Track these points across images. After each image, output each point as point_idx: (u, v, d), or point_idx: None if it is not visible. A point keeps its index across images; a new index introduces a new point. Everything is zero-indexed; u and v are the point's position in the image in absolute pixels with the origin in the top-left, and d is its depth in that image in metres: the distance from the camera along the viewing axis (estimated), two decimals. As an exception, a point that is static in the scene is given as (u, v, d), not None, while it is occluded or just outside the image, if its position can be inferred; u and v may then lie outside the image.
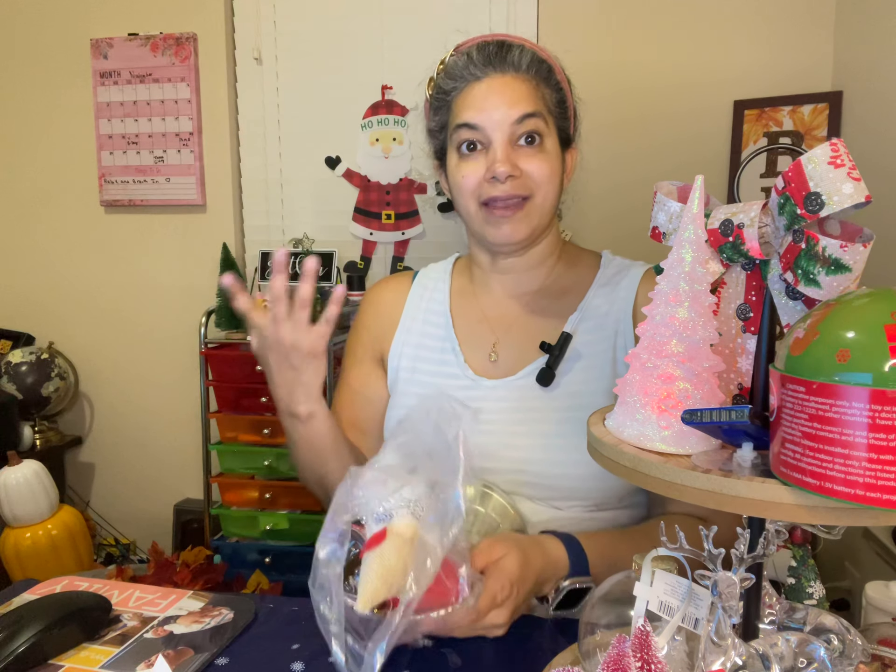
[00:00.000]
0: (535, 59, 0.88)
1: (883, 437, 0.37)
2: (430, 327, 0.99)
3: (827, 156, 0.45)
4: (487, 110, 0.86)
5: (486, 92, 0.87)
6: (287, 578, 1.87)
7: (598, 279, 0.96)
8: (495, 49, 0.88)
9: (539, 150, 0.87)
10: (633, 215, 1.41)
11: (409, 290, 1.03)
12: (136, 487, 2.35)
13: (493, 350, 0.94)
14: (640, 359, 0.53)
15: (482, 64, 0.87)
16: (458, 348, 0.95)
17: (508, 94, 0.86)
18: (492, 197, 0.86)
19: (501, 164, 0.84)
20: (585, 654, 0.61)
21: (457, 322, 0.98)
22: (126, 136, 2.23)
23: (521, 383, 0.91)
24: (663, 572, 0.54)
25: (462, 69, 0.89)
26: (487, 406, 0.89)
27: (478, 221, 0.90)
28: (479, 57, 0.88)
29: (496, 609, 0.69)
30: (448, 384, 0.94)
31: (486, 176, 0.86)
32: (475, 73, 0.88)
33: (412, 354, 0.98)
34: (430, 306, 1.00)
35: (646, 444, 0.50)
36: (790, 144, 1.83)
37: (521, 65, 0.87)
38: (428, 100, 0.97)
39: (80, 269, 2.33)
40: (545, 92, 0.89)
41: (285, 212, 2.22)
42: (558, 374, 0.89)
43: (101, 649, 0.72)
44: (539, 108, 0.87)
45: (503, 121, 0.85)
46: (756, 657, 0.48)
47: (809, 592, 0.71)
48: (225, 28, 2.14)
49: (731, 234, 0.52)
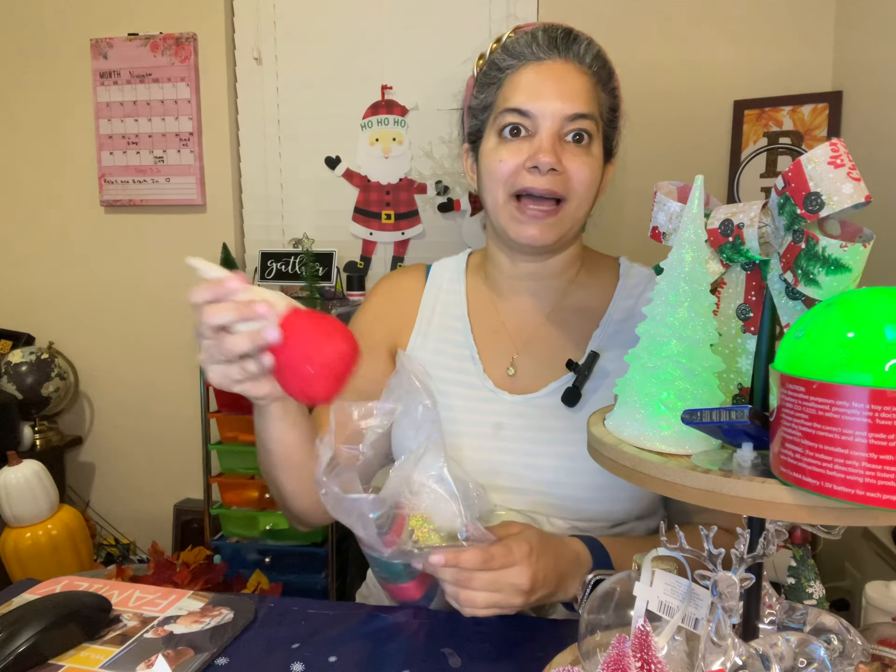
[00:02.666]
0: (599, 57, 0.84)
1: (883, 437, 0.37)
2: (448, 332, 0.94)
3: (827, 156, 0.45)
4: (542, 97, 0.79)
5: (546, 76, 0.80)
6: (287, 578, 1.87)
7: (619, 292, 0.92)
8: (563, 34, 0.82)
9: (586, 152, 0.81)
10: (633, 215, 1.41)
11: (424, 288, 0.98)
12: (136, 487, 2.35)
13: (511, 364, 0.90)
14: (640, 359, 0.53)
15: (547, 46, 0.81)
16: (478, 357, 0.91)
17: (568, 84, 0.80)
18: (525, 188, 0.80)
19: (546, 154, 0.77)
20: (585, 654, 0.61)
21: (475, 328, 0.93)
22: (126, 136, 2.23)
23: (545, 402, 0.87)
24: (663, 572, 0.54)
25: (524, 46, 0.82)
26: (507, 422, 0.86)
27: (504, 215, 0.84)
28: (544, 38, 0.81)
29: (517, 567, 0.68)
30: (465, 394, 0.89)
31: (526, 164, 0.79)
32: (537, 54, 0.81)
33: (429, 360, 0.92)
34: (447, 309, 0.95)
35: (646, 444, 0.50)
36: (790, 144, 1.83)
37: (586, 58, 0.82)
38: (474, 76, 0.89)
39: (80, 269, 2.33)
40: (601, 94, 0.84)
41: (285, 212, 2.22)
42: (583, 393, 0.85)
43: (101, 649, 0.72)
44: (593, 109, 0.81)
45: (557, 112, 0.79)
46: (756, 657, 0.48)
47: (809, 592, 0.71)
48: (225, 28, 2.14)
49: (731, 234, 0.52)
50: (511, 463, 0.85)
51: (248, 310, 0.60)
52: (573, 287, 0.93)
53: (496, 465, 0.85)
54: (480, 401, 0.88)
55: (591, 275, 0.94)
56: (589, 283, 0.94)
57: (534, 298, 0.92)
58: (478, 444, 0.86)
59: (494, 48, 0.86)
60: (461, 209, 2.10)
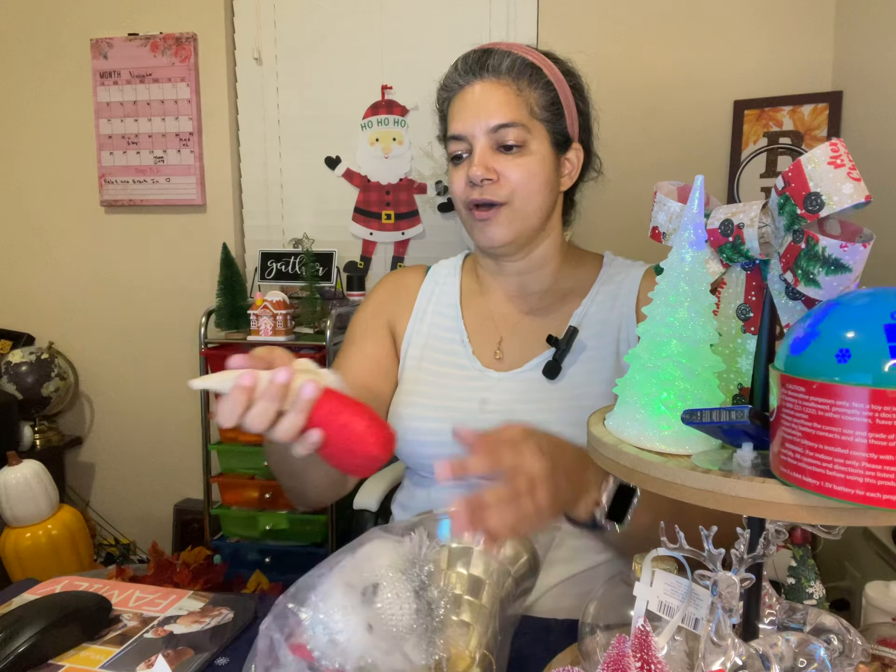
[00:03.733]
0: (516, 63, 0.89)
1: (883, 437, 0.37)
2: (441, 318, 1.01)
3: (827, 156, 0.45)
4: (468, 119, 0.89)
5: (467, 100, 0.90)
6: (287, 578, 1.87)
7: (601, 278, 0.98)
8: (476, 56, 0.90)
9: (520, 156, 0.89)
10: (632, 215, 1.41)
11: (423, 282, 1.05)
12: (136, 487, 2.35)
13: (498, 348, 0.97)
14: (640, 359, 0.53)
15: (464, 72, 0.90)
16: (468, 340, 0.98)
17: (485, 101, 0.88)
18: (472, 200, 0.89)
19: (476, 168, 0.87)
20: (585, 654, 0.61)
21: (466, 316, 1.00)
22: (126, 136, 2.23)
23: (527, 375, 0.93)
24: (663, 572, 0.54)
25: (449, 79, 0.93)
26: (493, 397, 0.92)
27: (468, 226, 0.94)
28: (462, 66, 0.91)
29: (529, 455, 0.61)
30: (455, 374, 0.95)
31: (468, 181, 0.89)
32: (458, 82, 0.91)
33: (421, 344, 1.00)
34: (441, 299, 1.03)
35: (646, 444, 0.50)
36: (790, 144, 1.83)
37: (501, 69, 0.89)
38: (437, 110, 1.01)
39: (80, 269, 2.33)
40: (530, 95, 0.89)
41: (285, 212, 2.22)
42: (563, 366, 0.91)
43: (101, 649, 0.72)
44: (517, 116, 0.88)
45: (481, 127, 0.88)
46: (756, 657, 0.48)
47: (809, 592, 0.71)
48: (225, 28, 2.14)
49: (731, 234, 0.52)
50: None
51: (299, 417, 0.60)
52: (556, 277, 0.99)
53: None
54: (468, 379, 0.94)
55: (575, 266, 1.00)
56: (572, 273, 1.00)
57: (518, 291, 0.99)
58: (463, 419, 0.88)
59: (440, 81, 0.96)
60: (461, 209, 2.10)
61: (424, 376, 0.97)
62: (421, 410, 0.94)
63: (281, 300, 1.86)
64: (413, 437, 0.92)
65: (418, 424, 0.92)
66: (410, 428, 0.93)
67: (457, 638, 0.59)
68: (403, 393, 0.97)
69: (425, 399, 0.95)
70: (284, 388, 0.59)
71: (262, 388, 0.59)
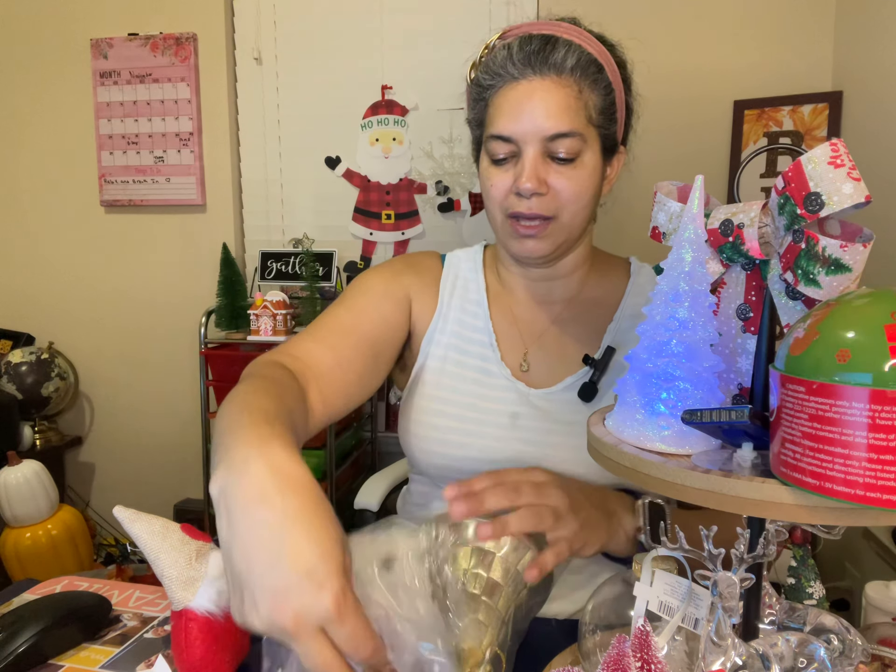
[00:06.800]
0: (582, 60, 0.79)
1: (883, 437, 0.37)
2: (467, 315, 0.93)
3: (827, 156, 0.45)
4: (521, 120, 0.79)
5: (522, 98, 0.79)
6: (287, 578, 1.87)
7: (631, 290, 0.92)
8: (538, 46, 0.79)
9: (573, 168, 0.80)
10: (632, 215, 1.41)
11: (442, 271, 0.96)
12: (136, 487, 2.36)
13: (524, 360, 0.91)
14: (640, 359, 0.53)
15: (521, 63, 0.79)
16: (496, 344, 0.91)
17: (545, 103, 0.78)
18: (515, 213, 0.81)
19: (527, 181, 0.78)
20: (585, 654, 0.61)
21: (494, 317, 0.93)
22: (126, 136, 2.23)
23: (561, 396, 0.87)
24: (663, 572, 0.54)
25: (500, 66, 0.81)
26: (524, 412, 0.87)
27: (502, 232, 0.86)
28: (519, 54, 0.79)
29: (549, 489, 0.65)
30: (483, 381, 0.89)
31: (512, 189, 0.81)
32: (512, 73, 0.80)
33: (445, 342, 0.92)
34: (466, 294, 0.95)
35: (646, 444, 0.50)
36: (790, 144, 1.83)
37: (566, 66, 0.79)
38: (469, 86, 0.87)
39: (80, 269, 2.33)
40: (590, 98, 0.80)
41: (285, 212, 2.22)
42: (600, 388, 0.85)
43: (101, 649, 0.72)
44: (575, 124, 0.78)
45: (536, 133, 0.78)
46: (756, 657, 0.48)
47: (809, 592, 0.71)
48: (225, 28, 2.14)
49: (731, 234, 0.52)
50: (531, 454, 0.85)
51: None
52: (583, 285, 0.93)
53: (516, 454, 0.85)
54: (499, 389, 0.88)
55: (602, 273, 0.95)
56: (599, 281, 0.94)
57: (545, 297, 0.93)
58: (499, 434, 0.86)
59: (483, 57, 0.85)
60: (461, 209, 2.10)
61: (448, 380, 0.90)
62: (448, 421, 0.87)
63: (281, 300, 1.87)
64: (439, 448, 0.87)
65: (443, 436, 0.87)
66: (435, 438, 0.87)
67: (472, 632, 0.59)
68: (426, 397, 0.90)
69: (454, 408, 0.88)
70: None
71: None
